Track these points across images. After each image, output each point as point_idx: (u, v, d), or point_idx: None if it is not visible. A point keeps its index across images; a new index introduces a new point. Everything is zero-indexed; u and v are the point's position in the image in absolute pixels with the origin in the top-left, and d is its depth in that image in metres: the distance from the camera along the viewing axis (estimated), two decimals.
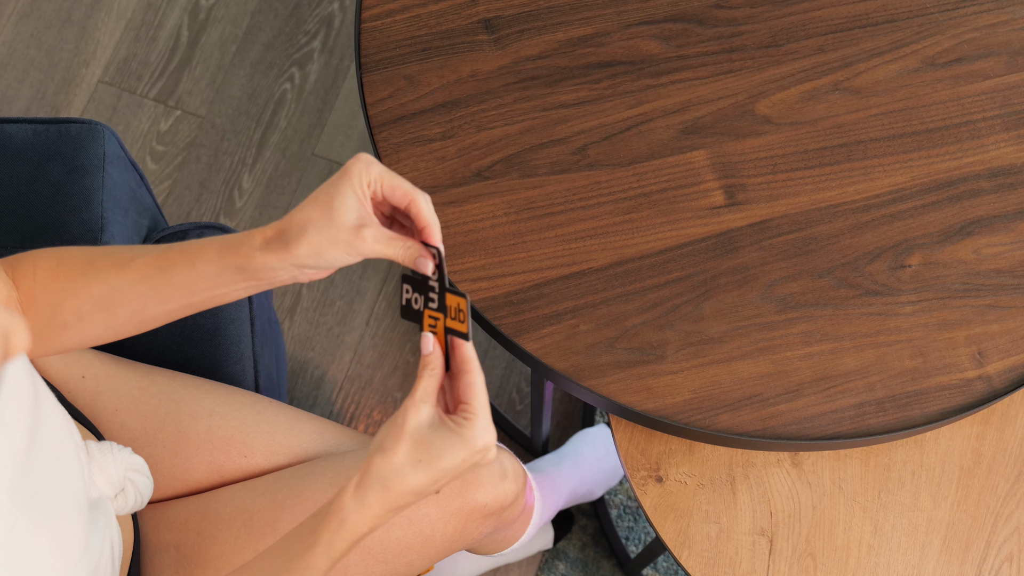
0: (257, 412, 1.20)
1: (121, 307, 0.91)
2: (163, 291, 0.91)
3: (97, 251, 0.94)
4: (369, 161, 0.86)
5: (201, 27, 2.06)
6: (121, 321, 0.92)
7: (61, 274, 0.92)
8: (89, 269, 0.92)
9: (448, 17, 1.32)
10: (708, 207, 1.26)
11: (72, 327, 0.92)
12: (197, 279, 0.89)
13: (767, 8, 1.33)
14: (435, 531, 1.15)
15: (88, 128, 1.28)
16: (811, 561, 1.25)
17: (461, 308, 0.86)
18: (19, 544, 0.80)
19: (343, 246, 0.85)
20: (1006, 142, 1.29)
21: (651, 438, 1.28)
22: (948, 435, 1.29)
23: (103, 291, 0.91)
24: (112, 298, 0.91)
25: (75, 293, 0.91)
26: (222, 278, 0.89)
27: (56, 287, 0.92)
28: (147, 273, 0.91)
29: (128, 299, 0.91)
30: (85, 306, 0.91)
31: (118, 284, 0.91)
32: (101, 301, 0.91)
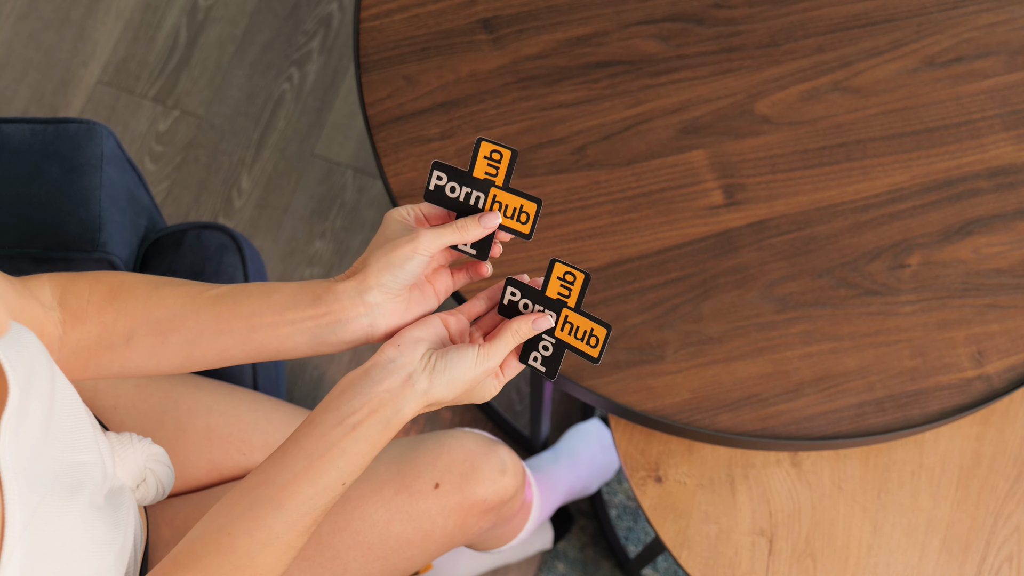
0: (255, 410, 1.20)
1: (175, 335, 0.91)
2: (225, 320, 0.90)
3: (165, 280, 0.94)
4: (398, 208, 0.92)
5: (200, 27, 2.06)
6: (170, 351, 0.91)
7: (121, 295, 0.92)
8: (154, 293, 0.92)
9: (447, 17, 1.32)
10: (707, 207, 1.25)
11: (117, 349, 0.92)
12: (266, 309, 0.89)
13: (766, 8, 1.33)
14: (435, 526, 1.15)
15: (86, 128, 1.27)
16: (811, 561, 1.25)
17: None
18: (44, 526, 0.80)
19: (404, 245, 0.88)
20: (1005, 141, 1.29)
21: (650, 438, 1.28)
22: (948, 435, 1.28)
23: (163, 316, 0.91)
24: (170, 324, 0.91)
25: (132, 314, 0.91)
26: (293, 311, 0.89)
27: (113, 307, 0.91)
28: (216, 301, 0.91)
29: (186, 326, 0.90)
30: (139, 329, 0.91)
31: (182, 311, 0.91)
32: (158, 325, 0.91)
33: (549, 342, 0.91)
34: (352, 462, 0.86)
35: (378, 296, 0.88)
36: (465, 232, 0.90)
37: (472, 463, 1.16)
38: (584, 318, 0.89)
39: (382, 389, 0.86)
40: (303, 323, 0.89)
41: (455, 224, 0.90)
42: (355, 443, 0.86)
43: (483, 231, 0.90)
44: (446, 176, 0.91)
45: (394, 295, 0.89)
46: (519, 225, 0.90)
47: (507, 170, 0.89)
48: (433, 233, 0.89)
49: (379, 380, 0.87)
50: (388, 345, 0.88)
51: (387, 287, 0.88)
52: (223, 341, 0.91)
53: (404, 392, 0.86)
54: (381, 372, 0.87)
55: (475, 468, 1.16)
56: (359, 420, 0.86)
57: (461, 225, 0.90)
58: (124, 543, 0.93)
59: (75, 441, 0.88)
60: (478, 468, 1.16)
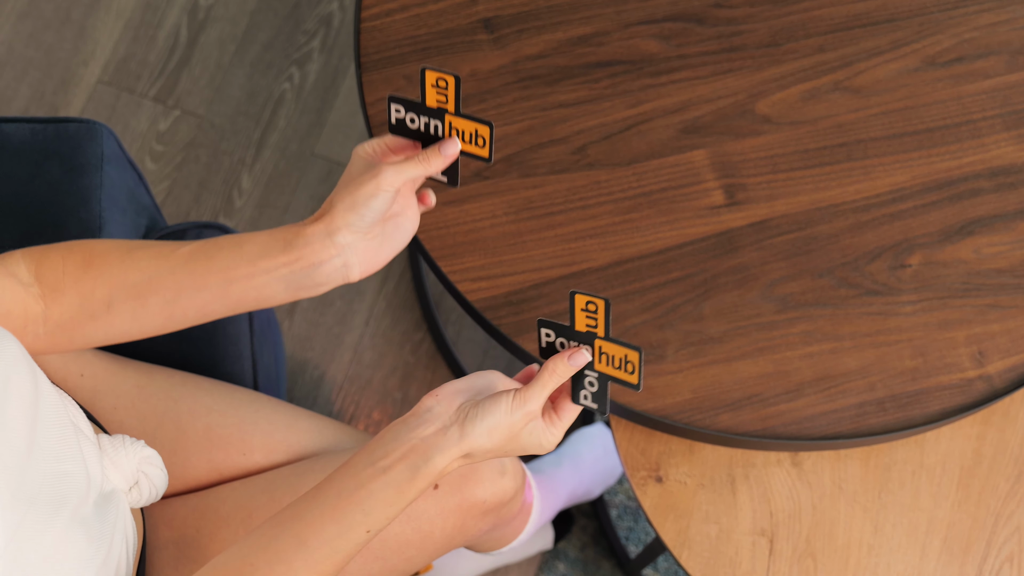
0: (256, 410, 1.20)
1: (154, 296, 0.91)
2: (201, 275, 0.90)
3: (135, 243, 0.94)
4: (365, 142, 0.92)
5: (200, 27, 2.06)
6: (151, 313, 0.92)
7: (95, 263, 0.92)
8: (127, 257, 0.92)
9: (448, 16, 1.32)
10: (708, 207, 1.25)
11: (99, 318, 0.92)
12: (239, 260, 0.90)
13: (767, 7, 1.33)
14: (434, 527, 1.15)
15: (86, 127, 1.27)
16: (811, 561, 1.25)
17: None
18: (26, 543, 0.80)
19: (368, 183, 0.88)
20: (1006, 141, 1.29)
21: (651, 438, 1.28)
22: (948, 435, 1.28)
23: (139, 279, 0.91)
24: (148, 286, 0.91)
25: (109, 281, 0.91)
26: (266, 259, 0.89)
27: (88, 276, 0.91)
28: (190, 258, 0.91)
29: (164, 287, 0.91)
30: (118, 294, 0.91)
31: (157, 272, 0.91)
32: (136, 289, 0.91)
33: (592, 377, 0.90)
34: (378, 507, 0.85)
35: (347, 236, 0.88)
36: (428, 164, 0.90)
37: (471, 464, 1.16)
38: (616, 345, 0.89)
39: (415, 436, 0.86)
40: (277, 271, 0.89)
41: (418, 157, 0.90)
42: (384, 487, 0.85)
43: (445, 160, 0.90)
44: (403, 108, 0.91)
45: (363, 233, 0.89)
46: (477, 149, 0.91)
47: (455, 96, 0.89)
48: (395, 168, 0.89)
49: (414, 427, 0.86)
50: (428, 396, 0.88)
51: (354, 226, 0.88)
52: (202, 297, 0.91)
53: (436, 441, 0.85)
54: (417, 420, 0.86)
55: (474, 469, 1.16)
56: (389, 464, 0.85)
57: (423, 157, 0.90)
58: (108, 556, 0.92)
59: (60, 451, 0.87)
60: (477, 469, 1.16)
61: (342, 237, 0.88)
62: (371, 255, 0.90)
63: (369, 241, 0.90)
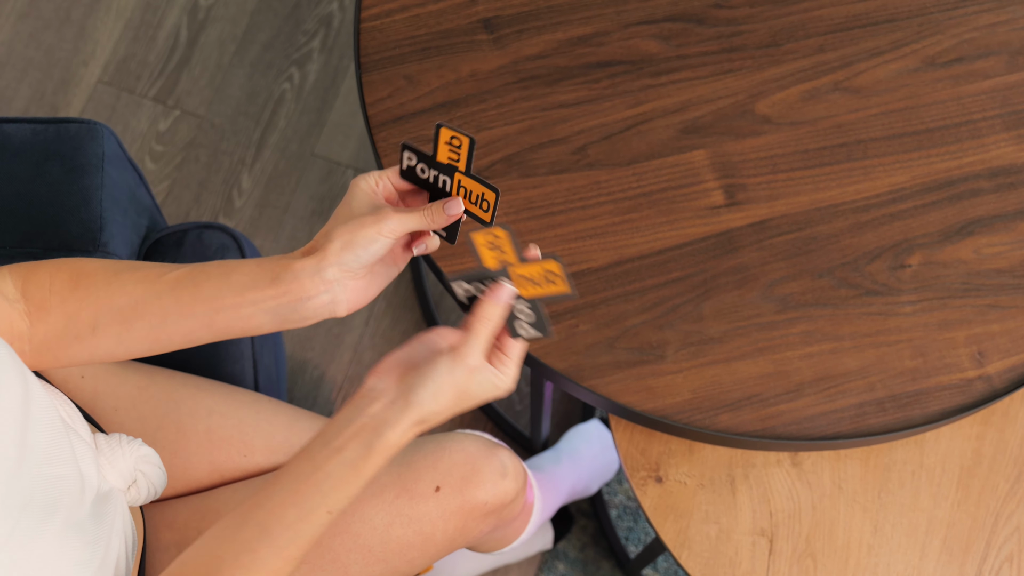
0: (256, 411, 1.20)
1: (140, 321, 0.90)
2: (187, 304, 0.90)
3: (123, 264, 0.93)
4: (367, 173, 0.91)
5: (200, 27, 2.06)
6: (136, 337, 0.91)
7: (82, 284, 0.91)
8: (114, 280, 0.91)
9: (448, 17, 1.32)
10: (708, 207, 1.25)
11: (84, 339, 0.91)
12: (226, 291, 0.89)
13: (767, 8, 1.33)
14: (435, 529, 1.15)
15: (87, 128, 1.27)
16: (811, 561, 1.25)
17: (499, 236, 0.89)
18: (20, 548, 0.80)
19: (369, 226, 0.87)
20: (1006, 141, 1.29)
21: (651, 438, 1.28)
22: (948, 435, 1.28)
23: (125, 303, 0.90)
24: (134, 311, 0.90)
25: (95, 303, 0.90)
26: (253, 291, 0.88)
27: (75, 297, 0.91)
28: (176, 284, 0.90)
29: (150, 312, 0.90)
30: (103, 317, 0.91)
31: (143, 297, 0.90)
32: (121, 313, 0.90)
33: (523, 306, 0.90)
34: (336, 487, 0.86)
35: (337, 274, 0.88)
36: (431, 220, 0.89)
37: (473, 466, 1.16)
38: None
39: (365, 414, 0.86)
40: (264, 303, 0.89)
41: (422, 211, 0.89)
42: (339, 467, 0.86)
43: (447, 220, 0.90)
44: (416, 157, 0.91)
45: (353, 273, 0.88)
46: (480, 212, 0.90)
47: (467, 156, 0.89)
48: (399, 218, 0.88)
49: (363, 407, 0.87)
50: (370, 375, 0.88)
51: (347, 266, 0.88)
52: (187, 324, 0.91)
53: (385, 415, 0.86)
54: (364, 400, 0.87)
55: (476, 471, 1.16)
56: (343, 444, 0.86)
57: (428, 213, 0.89)
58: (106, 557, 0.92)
59: (53, 454, 0.86)
60: (479, 471, 1.16)
61: (331, 274, 0.87)
62: (359, 294, 0.90)
63: (358, 280, 0.89)
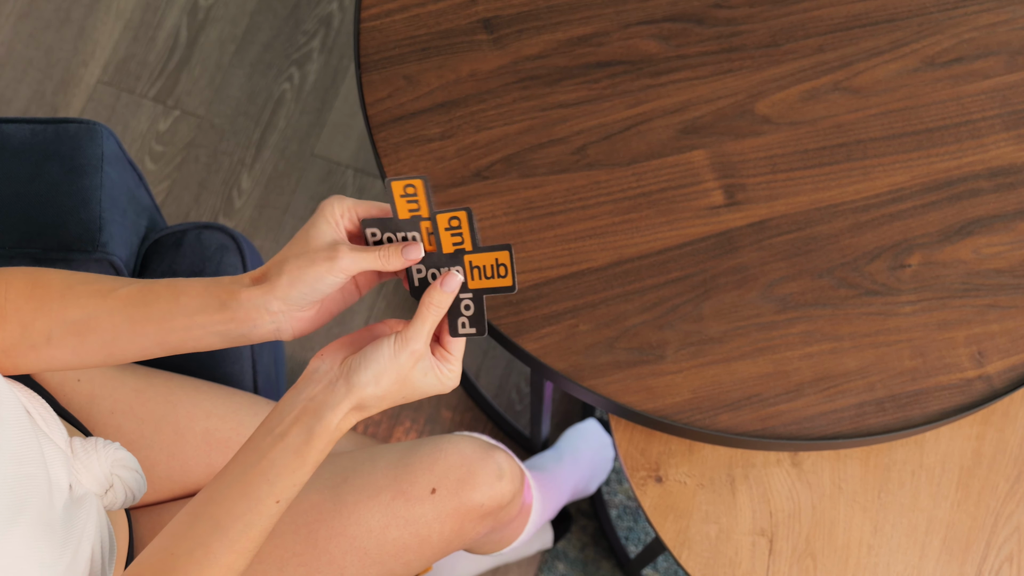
0: (255, 413, 1.20)
1: (93, 335, 0.91)
2: (139, 323, 0.90)
3: (76, 276, 0.93)
4: (340, 197, 0.89)
5: (200, 27, 2.06)
6: (90, 350, 0.92)
7: (36, 295, 0.91)
8: (68, 292, 0.91)
9: (447, 17, 1.32)
10: (708, 207, 1.25)
11: (40, 348, 0.92)
12: (176, 313, 0.89)
13: (766, 8, 1.33)
14: (432, 531, 1.15)
15: (86, 128, 1.27)
16: (811, 561, 1.25)
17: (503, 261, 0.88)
18: None
19: (320, 263, 0.86)
20: (1006, 141, 1.29)
21: (651, 438, 1.28)
22: (948, 435, 1.28)
23: (78, 317, 0.90)
24: (86, 325, 0.90)
25: (48, 314, 0.91)
26: (202, 315, 0.88)
27: (29, 307, 0.91)
28: (127, 303, 0.90)
29: (102, 328, 0.90)
30: (57, 329, 0.91)
31: (96, 312, 0.90)
32: (75, 326, 0.91)
33: (468, 299, 0.89)
34: (282, 475, 0.86)
35: (283, 307, 0.87)
36: (386, 260, 0.87)
37: (469, 468, 1.16)
38: (485, 254, 0.87)
39: (305, 397, 0.86)
40: (213, 327, 0.89)
41: (378, 253, 0.87)
42: (283, 453, 0.85)
43: (404, 263, 0.88)
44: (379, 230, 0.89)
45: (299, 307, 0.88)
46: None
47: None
48: (353, 257, 0.86)
49: (303, 390, 0.87)
50: (315, 357, 0.88)
51: (292, 302, 0.87)
52: (140, 342, 0.91)
53: (325, 398, 0.86)
54: (305, 383, 0.87)
55: (472, 473, 1.15)
56: (284, 430, 0.86)
57: (384, 253, 0.87)
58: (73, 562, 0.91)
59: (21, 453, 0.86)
60: (475, 473, 1.15)
61: (276, 307, 0.87)
62: (305, 324, 0.89)
63: (304, 312, 0.89)
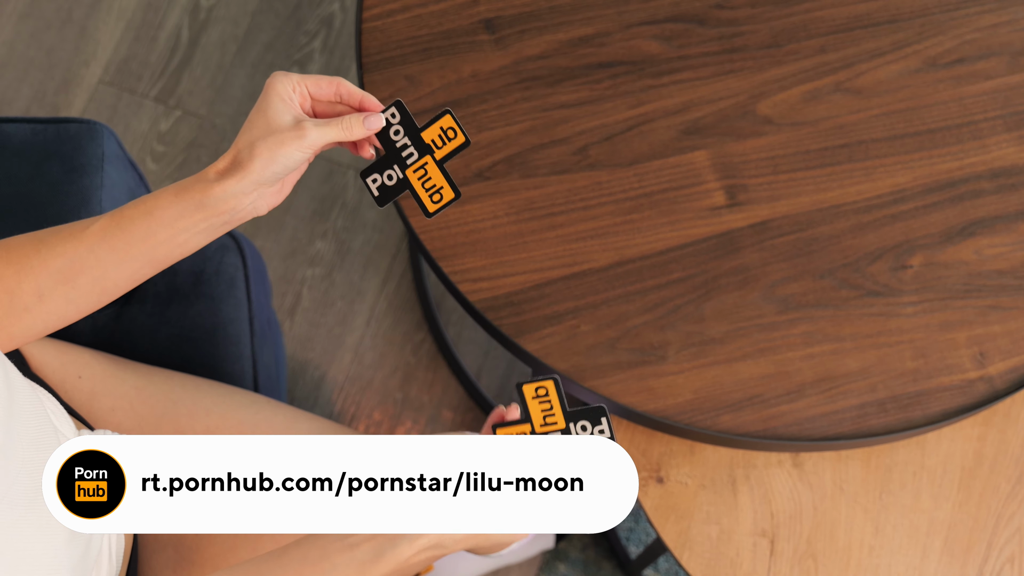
0: (256, 412, 1.20)
1: (81, 276, 0.92)
2: (122, 249, 0.91)
3: (45, 231, 0.94)
4: (284, 73, 0.92)
5: (201, 27, 2.06)
6: (83, 292, 0.92)
7: (12, 259, 0.92)
8: (42, 246, 0.92)
9: (449, 17, 1.32)
10: (709, 207, 1.25)
11: (33, 308, 0.92)
12: (156, 227, 0.91)
13: (768, 8, 1.33)
14: None
15: (87, 128, 1.27)
16: (812, 562, 1.25)
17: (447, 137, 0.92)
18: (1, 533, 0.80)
19: (291, 143, 0.89)
20: (1008, 142, 1.29)
21: (652, 439, 1.28)
22: (949, 436, 1.28)
23: (61, 264, 0.91)
24: (72, 269, 0.91)
25: (31, 272, 0.91)
26: (182, 220, 0.90)
27: (10, 271, 0.91)
28: (104, 235, 0.91)
29: (88, 266, 0.91)
30: (45, 283, 0.91)
31: (76, 254, 0.91)
32: (61, 274, 0.91)
33: (397, 175, 0.92)
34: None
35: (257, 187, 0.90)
36: (349, 130, 0.91)
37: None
38: (441, 174, 0.91)
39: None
40: (196, 227, 0.91)
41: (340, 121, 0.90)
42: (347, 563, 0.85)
43: (365, 132, 0.91)
44: (399, 117, 0.92)
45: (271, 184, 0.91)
46: (428, 201, 0.92)
47: (452, 151, 0.91)
48: (319, 131, 0.89)
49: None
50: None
51: (266, 181, 0.90)
52: (129, 267, 0.93)
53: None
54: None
55: None
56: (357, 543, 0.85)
57: (346, 123, 0.91)
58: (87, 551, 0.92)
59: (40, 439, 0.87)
60: None
61: (252, 189, 0.90)
62: (275, 198, 0.93)
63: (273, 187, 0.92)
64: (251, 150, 0.89)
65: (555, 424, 0.89)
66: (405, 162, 0.92)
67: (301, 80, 0.91)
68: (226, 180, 0.89)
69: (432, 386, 1.83)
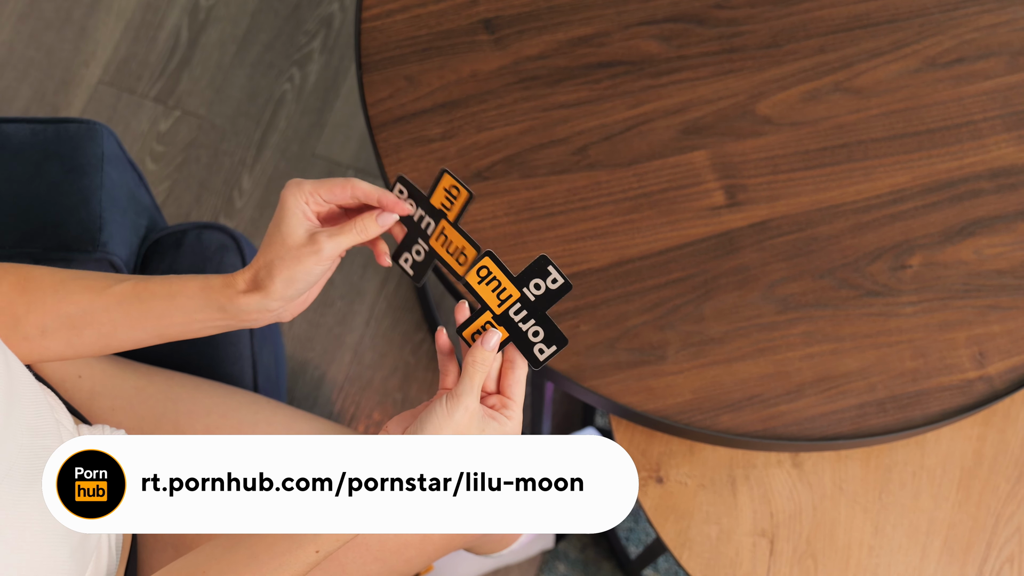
0: (255, 412, 1.20)
1: (89, 329, 0.93)
2: (137, 319, 0.92)
3: (67, 272, 0.95)
4: (298, 183, 0.91)
5: (201, 27, 2.06)
6: (86, 342, 0.94)
7: (29, 288, 0.93)
8: (60, 288, 0.93)
9: (448, 17, 1.32)
10: (709, 207, 1.25)
11: (33, 340, 0.93)
12: (175, 312, 0.92)
13: (768, 8, 1.33)
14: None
15: (86, 128, 1.27)
16: (812, 562, 1.25)
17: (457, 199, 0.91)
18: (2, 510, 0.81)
19: (307, 258, 0.89)
20: (1007, 142, 1.29)
21: (651, 439, 1.28)
22: (949, 436, 1.28)
23: (74, 311, 0.93)
24: (82, 319, 0.93)
25: (42, 309, 0.93)
26: (201, 314, 0.92)
27: (22, 300, 0.92)
28: (123, 300, 0.92)
29: (99, 322, 0.93)
30: (52, 323, 0.93)
31: (91, 307, 0.93)
32: (70, 320, 0.93)
33: (423, 248, 0.93)
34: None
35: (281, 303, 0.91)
36: (364, 232, 0.91)
37: None
38: (459, 234, 0.91)
39: None
40: (212, 323, 0.92)
41: (353, 226, 0.91)
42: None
43: (380, 229, 0.91)
44: (406, 191, 0.93)
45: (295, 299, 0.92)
46: (456, 265, 0.92)
47: (461, 208, 0.91)
48: (334, 241, 0.90)
49: None
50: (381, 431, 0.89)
51: (290, 298, 0.91)
52: (138, 335, 0.94)
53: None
54: None
55: None
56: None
57: (360, 227, 0.91)
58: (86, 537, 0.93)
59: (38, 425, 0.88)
60: None
61: (275, 306, 0.91)
62: (300, 306, 0.94)
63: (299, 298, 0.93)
64: (269, 271, 0.90)
65: (510, 297, 0.88)
66: (426, 232, 0.93)
67: (314, 189, 0.91)
68: (249, 297, 0.90)
69: (432, 386, 1.83)
